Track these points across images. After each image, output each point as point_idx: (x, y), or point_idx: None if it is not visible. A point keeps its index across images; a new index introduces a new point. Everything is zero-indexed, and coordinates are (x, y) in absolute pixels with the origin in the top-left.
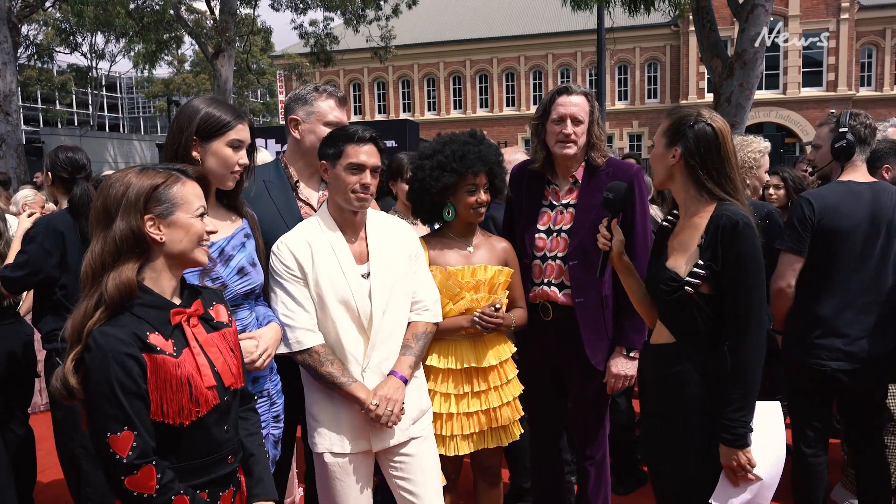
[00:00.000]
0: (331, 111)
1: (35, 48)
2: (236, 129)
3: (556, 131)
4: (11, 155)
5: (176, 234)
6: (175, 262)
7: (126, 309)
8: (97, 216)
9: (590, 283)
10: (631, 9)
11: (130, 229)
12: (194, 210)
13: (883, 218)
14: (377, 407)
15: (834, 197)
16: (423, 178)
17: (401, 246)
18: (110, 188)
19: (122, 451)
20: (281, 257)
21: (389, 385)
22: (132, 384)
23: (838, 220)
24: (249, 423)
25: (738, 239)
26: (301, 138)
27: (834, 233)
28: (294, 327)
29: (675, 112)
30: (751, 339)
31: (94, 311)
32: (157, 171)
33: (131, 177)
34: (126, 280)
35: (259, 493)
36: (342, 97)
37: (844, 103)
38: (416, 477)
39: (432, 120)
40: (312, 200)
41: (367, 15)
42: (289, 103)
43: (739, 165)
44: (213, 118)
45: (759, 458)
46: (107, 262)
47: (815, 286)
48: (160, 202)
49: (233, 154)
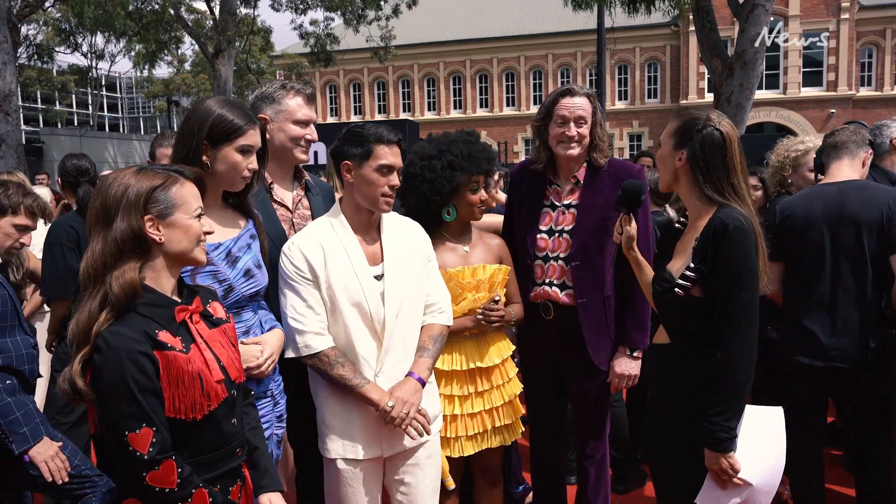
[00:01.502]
0: (299, 109)
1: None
2: (247, 134)
3: (560, 133)
4: (11, 155)
5: (175, 234)
6: (174, 262)
7: (131, 309)
8: (96, 216)
9: (592, 284)
10: (631, 9)
11: (131, 229)
12: (193, 211)
13: (849, 216)
14: (392, 408)
15: (798, 199)
16: (434, 179)
17: (415, 247)
18: (108, 188)
19: (143, 447)
20: (292, 259)
21: (406, 387)
22: (147, 381)
23: (794, 221)
24: (250, 417)
25: (728, 242)
26: (271, 138)
27: (792, 233)
28: (304, 331)
29: (685, 114)
30: (737, 343)
31: (98, 311)
32: (156, 172)
33: (129, 177)
34: (130, 280)
35: (266, 484)
36: (310, 94)
37: (844, 103)
38: (419, 483)
39: (432, 120)
40: (287, 201)
41: (367, 15)
42: (255, 102)
43: (780, 167)
44: (224, 122)
45: (751, 464)
46: (108, 263)
47: (788, 286)
48: (159, 203)
49: (242, 159)
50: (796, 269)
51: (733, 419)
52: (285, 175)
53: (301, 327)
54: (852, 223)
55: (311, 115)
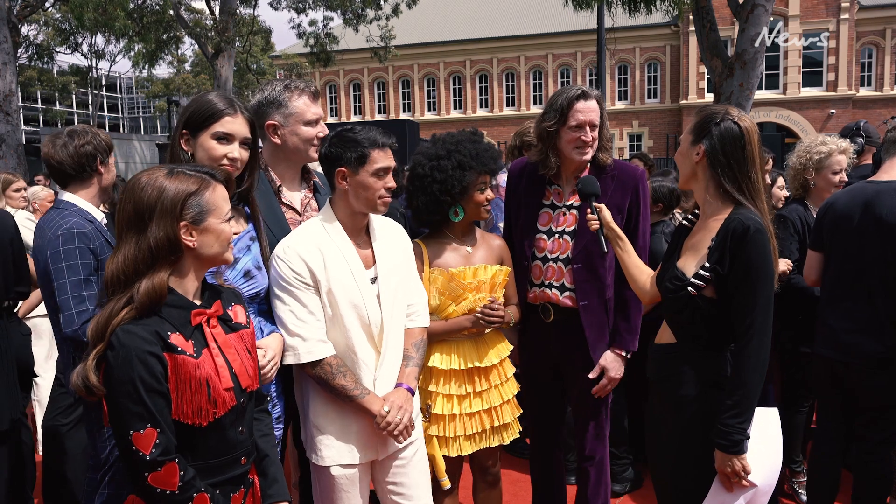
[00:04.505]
0: (308, 109)
1: (35, 48)
2: (222, 121)
3: (576, 137)
4: (11, 155)
5: (208, 239)
6: (202, 264)
7: (154, 312)
8: (128, 219)
9: (594, 286)
10: (631, 9)
11: (167, 237)
12: (224, 215)
13: (877, 218)
14: (388, 413)
15: (842, 194)
16: (444, 179)
17: (399, 248)
18: (142, 191)
19: (146, 448)
20: (290, 263)
21: (398, 395)
22: (155, 382)
23: (831, 216)
24: (263, 424)
25: (748, 244)
26: (283, 142)
27: (829, 227)
28: (306, 338)
29: (703, 110)
30: (753, 346)
31: (119, 311)
32: (188, 176)
33: (162, 180)
34: (159, 285)
35: (274, 493)
36: (315, 91)
37: (844, 103)
38: (410, 480)
39: (432, 120)
40: (295, 203)
41: (366, 15)
42: (260, 108)
43: (802, 167)
44: (201, 109)
45: (755, 465)
46: (139, 269)
47: (822, 280)
48: (192, 208)
49: (216, 146)
50: (827, 263)
51: (747, 421)
52: (294, 176)
53: (304, 334)
54: (879, 226)
55: (319, 112)
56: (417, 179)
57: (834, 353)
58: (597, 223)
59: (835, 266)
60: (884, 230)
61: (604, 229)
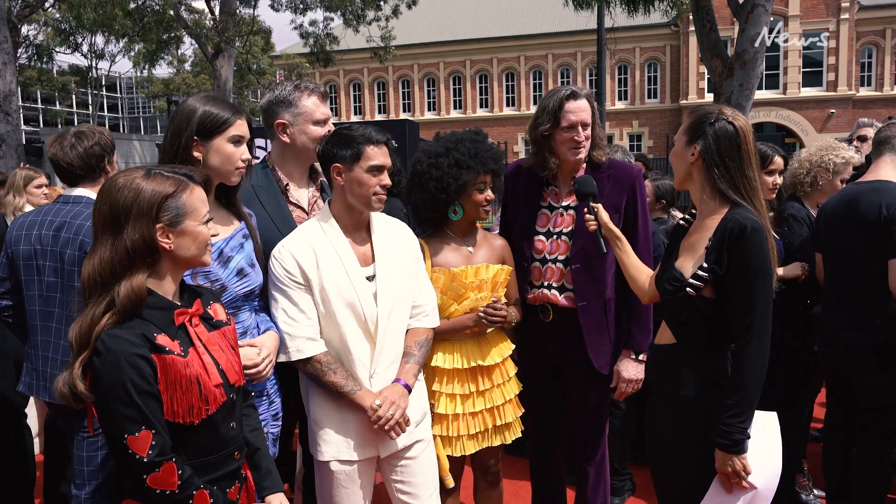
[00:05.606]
0: (317, 108)
1: (35, 48)
2: (236, 124)
3: (569, 138)
4: (11, 155)
5: (184, 241)
6: (180, 266)
7: (136, 315)
8: (104, 221)
9: (592, 287)
10: (631, 9)
11: (143, 239)
12: (202, 217)
13: (860, 218)
14: (380, 407)
15: (834, 197)
16: (440, 177)
17: (404, 248)
18: (118, 192)
19: (142, 450)
20: (283, 263)
21: (393, 390)
22: (145, 384)
23: (823, 217)
24: (250, 418)
25: (745, 244)
26: (292, 141)
27: (823, 230)
28: (294, 336)
29: (696, 110)
30: (753, 346)
31: (101, 316)
32: (166, 177)
33: (139, 182)
34: (138, 287)
35: (268, 485)
36: (324, 92)
37: (844, 103)
38: (417, 479)
39: (432, 120)
40: (303, 202)
41: (366, 15)
42: (270, 107)
43: (817, 163)
44: (212, 115)
45: (755, 467)
46: (116, 271)
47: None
48: (169, 211)
49: (235, 150)
50: (825, 263)
51: (747, 421)
52: (302, 175)
53: (293, 332)
54: (863, 224)
55: (328, 112)
56: (416, 176)
57: (834, 352)
58: (594, 224)
59: (829, 265)
60: (867, 228)
61: (602, 230)
